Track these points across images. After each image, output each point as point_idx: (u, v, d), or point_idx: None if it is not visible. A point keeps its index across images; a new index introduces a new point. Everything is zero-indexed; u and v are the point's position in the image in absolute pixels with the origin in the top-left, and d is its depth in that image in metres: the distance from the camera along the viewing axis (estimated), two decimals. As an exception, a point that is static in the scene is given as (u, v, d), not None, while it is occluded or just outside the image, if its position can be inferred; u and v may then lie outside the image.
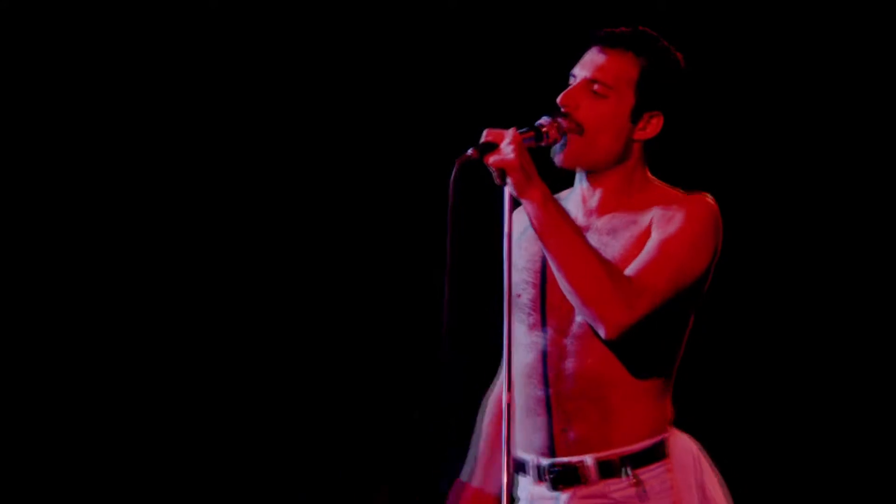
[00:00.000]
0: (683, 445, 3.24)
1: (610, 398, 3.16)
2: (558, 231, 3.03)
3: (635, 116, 3.16)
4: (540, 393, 3.18)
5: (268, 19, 5.38)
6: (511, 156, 3.00)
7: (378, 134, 5.41)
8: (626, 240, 3.16)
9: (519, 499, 3.28)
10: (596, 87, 3.15)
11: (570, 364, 3.16)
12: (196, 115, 5.41)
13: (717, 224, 3.15)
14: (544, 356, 3.17)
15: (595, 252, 3.05)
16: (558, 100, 3.16)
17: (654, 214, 3.15)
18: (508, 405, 3.02)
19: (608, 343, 3.10)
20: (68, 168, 5.37)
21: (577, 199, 3.25)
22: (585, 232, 3.17)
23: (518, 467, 3.26)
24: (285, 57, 5.40)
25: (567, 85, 3.19)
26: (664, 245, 3.10)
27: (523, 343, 3.21)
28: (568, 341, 3.16)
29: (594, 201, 3.22)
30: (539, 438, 3.19)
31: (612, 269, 3.05)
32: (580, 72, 3.18)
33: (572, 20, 5.19)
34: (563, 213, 3.07)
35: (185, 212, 5.43)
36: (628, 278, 3.05)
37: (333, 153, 5.44)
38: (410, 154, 5.35)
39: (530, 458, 3.23)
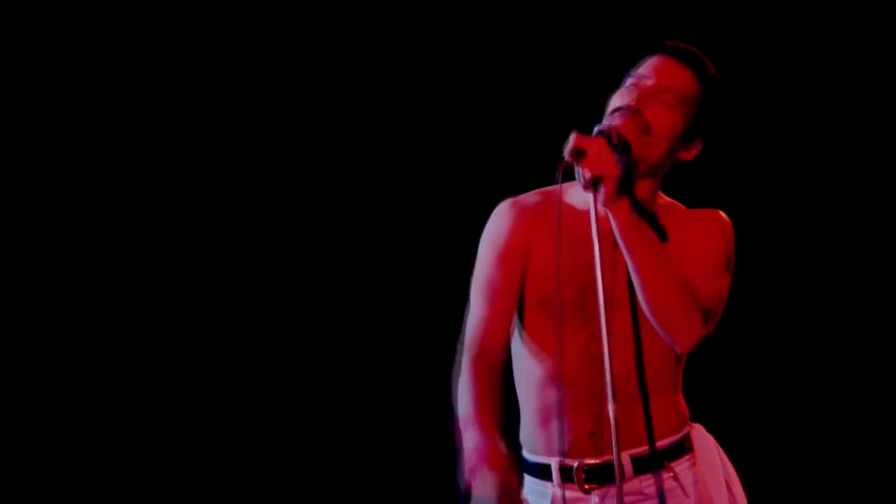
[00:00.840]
0: (705, 438, 3.26)
1: (639, 398, 3.17)
2: (646, 244, 3.05)
3: (689, 136, 3.18)
4: (570, 396, 3.17)
5: (268, 19, 5.37)
6: (610, 166, 3.00)
7: (377, 134, 5.40)
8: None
9: (530, 500, 3.27)
10: (666, 96, 3.15)
11: (599, 367, 3.13)
12: (196, 115, 5.40)
13: (733, 244, 3.24)
14: (575, 361, 3.17)
15: (677, 269, 3.10)
16: (629, 101, 3.14)
17: (683, 237, 3.19)
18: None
19: (637, 345, 3.15)
20: (68, 168, 5.37)
21: (600, 206, 3.23)
22: (602, 236, 3.14)
23: (536, 471, 3.25)
24: (285, 57, 5.39)
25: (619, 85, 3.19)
26: (716, 270, 3.16)
27: (548, 348, 3.20)
28: (597, 345, 3.13)
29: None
30: (565, 441, 3.17)
31: (689, 287, 3.09)
32: (650, 76, 3.18)
33: (572, 20, 5.19)
34: (649, 228, 3.10)
35: (184, 212, 5.42)
36: (699, 300, 3.11)
37: (333, 153, 5.43)
38: (410, 154, 5.35)
39: (551, 460, 3.21)
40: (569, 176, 3.23)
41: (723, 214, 3.23)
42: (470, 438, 3.00)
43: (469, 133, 5.24)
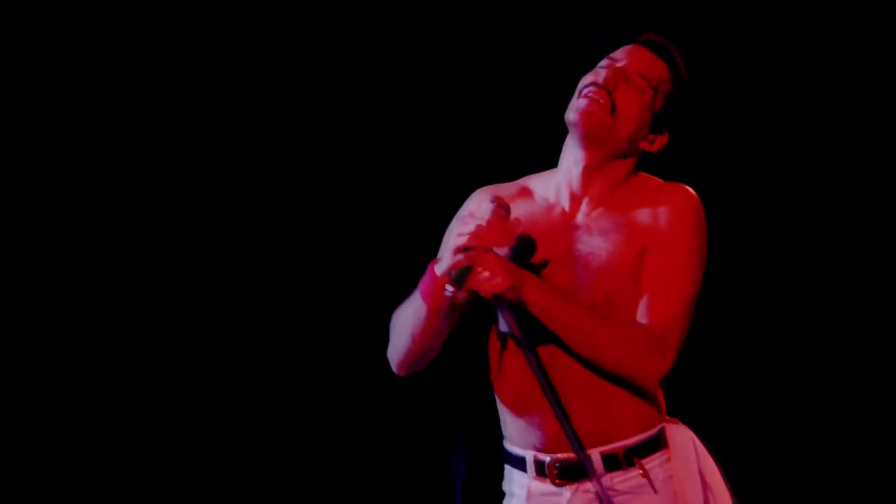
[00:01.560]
0: (680, 434, 3.25)
1: (609, 394, 3.15)
2: (566, 317, 3.03)
3: (654, 126, 3.18)
4: (536, 392, 3.15)
5: (267, 19, 5.37)
6: (498, 282, 2.97)
7: (378, 134, 5.41)
8: (615, 243, 3.15)
9: (513, 494, 3.28)
10: (636, 79, 3.15)
11: (569, 363, 3.14)
12: (196, 116, 5.41)
13: (704, 219, 3.17)
14: (541, 356, 3.15)
15: (608, 321, 3.06)
16: (599, 79, 3.14)
17: (646, 219, 3.15)
18: None
19: None
20: (68, 168, 5.37)
21: (561, 185, 3.22)
22: (573, 229, 3.17)
23: (513, 462, 3.26)
24: (285, 57, 5.40)
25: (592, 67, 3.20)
26: (674, 278, 3.11)
27: (513, 344, 3.20)
28: (563, 343, 3.14)
29: (581, 189, 3.20)
30: (537, 436, 3.19)
31: (631, 330, 3.07)
32: (624, 60, 3.18)
33: (572, 20, 5.19)
34: (562, 296, 3.06)
35: (184, 212, 5.42)
36: (650, 327, 3.07)
37: (334, 154, 5.44)
38: (411, 154, 5.35)
39: (526, 453, 3.23)
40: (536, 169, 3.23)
41: (689, 193, 3.18)
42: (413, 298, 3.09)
43: (469, 133, 5.24)
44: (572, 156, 3.22)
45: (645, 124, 3.17)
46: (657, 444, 3.20)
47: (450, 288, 3.00)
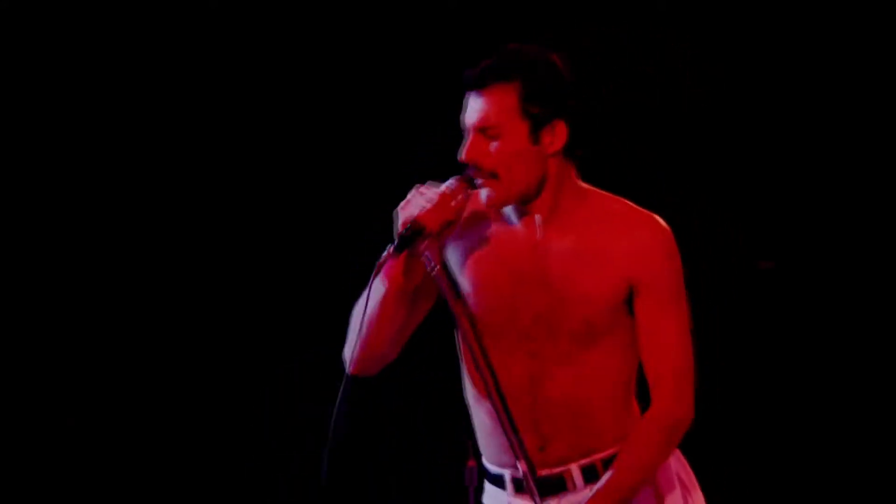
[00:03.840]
0: None
1: (587, 415, 3.15)
2: (629, 492, 3.13)
3: (535, 137, 3.11)
4: (514, 416, 3.13)
5: (267, 19, 5.37)
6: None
7: (378, 135, 5.40)
8: (592, 270, 3.12)
9: None
10: (487, 131, 3.10)
11: (543, 390, 3.14)
12: (195, 115, 5.41)
13: (676, 250, 3.16)
14: (517, 383, 3.14)
15: (637, 449, 3.13)
16: (460, 158, 3.13)
17: (621, 250, 3.11)
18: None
19: (581, 365, 3.13)
20: (68, 168, 5.37)
21: (517, 221, 3.19)
22: (540, 250, 3.14)
23: (492, 479, 3.26)
24: (284, 57, 5.40)
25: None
26: (672, 322, 3.13)
27: (492, 370, 3.18)
28: (539, 367, 3.14)
29: (538, 221, 3.16)
30: (511, 455, 3.13)
31: (653, 430, 3.13)
32: (467, 122, 3.15)
33: (572, 20, 5.18)
34: (613, 490, 3.13)
35: (184, 213, 5.43)
36: (663, 417, 3.12)
37: (335, 154, 5.43)
38: (411, 154, 5.35)
39: (505, 471, 3.22)
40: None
41: (660, 224, 3.15)
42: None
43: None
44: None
45: (527, 151, 3.10)
46: None
47: (390, 249, 3.03)
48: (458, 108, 3.21)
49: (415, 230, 3.04)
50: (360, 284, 5.32)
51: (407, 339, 3.24)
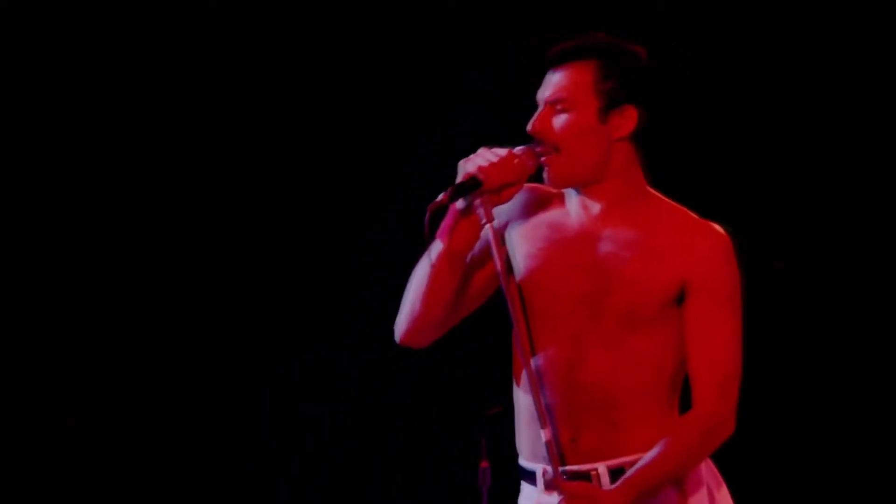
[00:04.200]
0: None
1: (621, 408, 3.12)
2: (656, 482, 3.08)
3: (604, 117, 3.12)
4: (549, 402, 3.12)
5: (267, 19, 5.37)
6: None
7: (378, 135, 5.40)
8: (642, 260, 3.12)
9: None
10: (558, 105, 3.12)
11: (581, 374, 3.11)
12: (195, 115, 5.40)
13: (735, 259, 3.16)
14: (555, 366, 3.12)
15: (675, 443, 3.09)
16: (528, 129, 3.14)
17: (678, 248, 3.11)
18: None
19: (620, 350, 3.10)
20: (68, 168, 5.37)
21: (577, 206, 3.20)
22: (595, 239, 3.14)
23: (524, 475, 3.22)
24: (284, 57, 5.40)
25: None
26: (725, 327, 3.12)
27: (527, 351, 3.16)
28: (579, 352, 3.12)
29: (597, 209, 3.16)
30: (545, 448, 3.12)
31: (695, 427, 3.10)
32: (541, 96, 3.17)
33: (572, 20, 5.19)
34: (639, 479, 3.08)
35: (184, 213, 5.42)
36: (705, 402, 3.10)
37: (336, 154, 5.43)
38: (412, 155, 5.35)
39: (538, 467, 3.18)
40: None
41: (720, 231, 3.16)
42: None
43: (468, 133, 5.24)
44: (571, 191, 3.23)
45: (594, 129, 3.12)
46: None
47: (444, 195, 3.02)
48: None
49: (473, 181, 3.04)
50: (359, 284, 5.36)
51: (459, 318, 3.21)
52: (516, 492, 3.26)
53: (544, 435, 3.03)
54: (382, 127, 5.41)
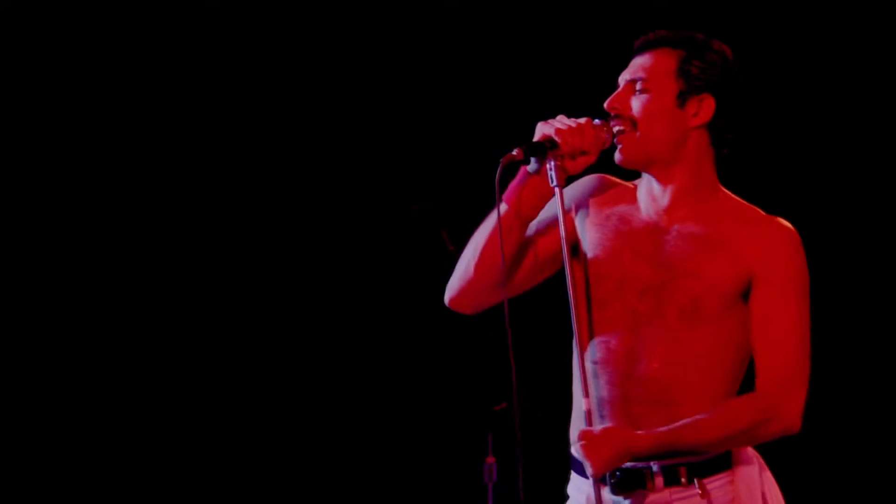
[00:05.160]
0: (746, 456, 3.18)
1: (677, 404, 3.10)
2: (690, 441, 3.05)
3: (682, 102, 3.15)
4: (605, 394, 3.12)
5: (267, 20, 5.37)
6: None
7: (379, 136, 5.41)
8: (706, 253, 3.12)
9: (573, 498, 3.23)
10: (638, 84, 3.15)
11: (639, 367, 3.10)
12: (195, 115, 5.41)
13: (804, 253, 3.16)
14: (613, 357, 3.12)
15: (724, 413, 3.07)
16: (605, 105, 3.16)
17: (740, 243, 3.11)
18: (588, 412, 3.04)
19: (681, 345, 3.10)
20: (68, 168, 5.37)
21: (646, 197, 3.21)
22: (662, 233, 3.15)
23: (576, 467, 3.21)
24: (284, 57, 5.40)
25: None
26: (791, 316, 3.09)
27: (590, 341, 3.17)
28: (639, 343, 3.11)
29: (665, 199, 3.18)
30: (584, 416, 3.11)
31: (749, 407, 3.07)
32: (623, 76, 3.20)
33: (571, 20, 5.19)
34: (670, 433, 3.07)
35: (184, 212, 5.42)
36: (767, 388, 3.07)
37: (337, 154, 5.44)
38: (413, 155, 5.35)
39: None
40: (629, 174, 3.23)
41: (788, 225, 3.16)
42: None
43: (467, 134, 5.24)
44: (643, 176, 3.24)
45: (670, 112, 3.15)
46: (721, 464, 3.13)
47: (518, 150, 3.03)
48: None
49: (550, 142, 3.06)
50: (361, 284, 5.35)
51: (512, 292, 3.19)
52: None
53: (585, 405, 3.02)
54: (382, 128, 5.41)
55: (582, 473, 3.16)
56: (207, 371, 5.43)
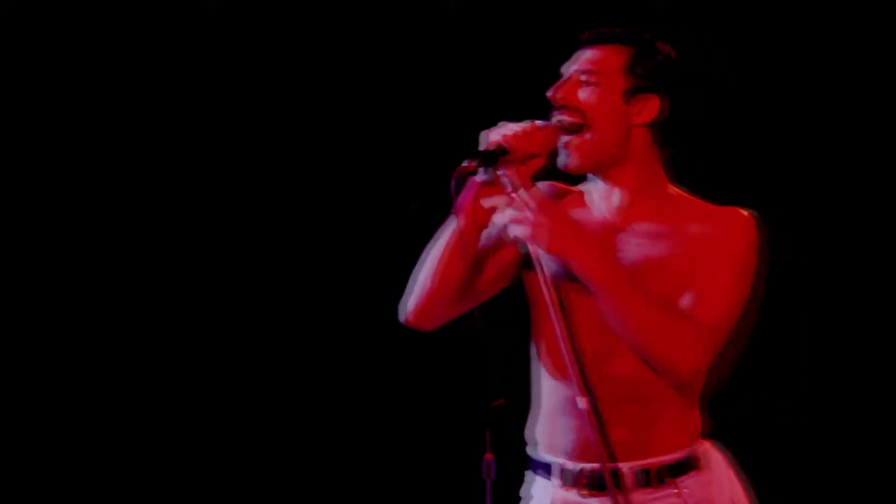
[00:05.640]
0: (717, 457, 3.20)
1: (649, 405, 3.11)
2: (613, 282, 2.99)
3: (628, 99, 3.15)
4: (573, 397, 3.08)
5: (267, 19, 5.38)
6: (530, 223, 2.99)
7: (378, 135, 5.41)
8: (664, 248, 3.12)
9: (534, 500, 3.24)
10: (584, 77, 3.16)
11: (610, 368, 3.11)
12: (195, 115, 5.41)
13: (760, 241, 3.14)
14: (586, 360, 3.10)
15: (653, 299, 3.01)
16: (550, 94, 3.16)
17: (698, 232, 3.11)
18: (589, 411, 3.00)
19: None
20: (68, 168, 5.38)
21: (598, 199, 3.22)
22: (620, 232, 3.16)
23: (540, 468, 3.22)
24: (284, 57, 5.41)
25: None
26: (721, 278, 3.07)
27: (555, 345, 3.13)
28: (610, 344, 3.11)
29: (618, 199, 3.19)
30: (570, 441, 3.14)
31: (674, 317, 3.02)
32: (570, 67, 3.20)
33: (571, 20, 5.19)
34: (612, 260, 3.04)
35: (184, 212, 5.43)
36: (693, 323, 3.02)
37: (337, 153, 5.45)
38: (412, 155, 5.36)
39: (557, 460, 3.18)
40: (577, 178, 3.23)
41: (743, 211, 3.15)
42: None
43: (467, 133, 5.24)
44: (590, 177, 3.24)
45: (617, 108, 3.15)
46: (693, 464, 3.15)
47: (474, 165, 3.00)
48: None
49: (500, 149, 3.04)
50: (360, 284, 5.36)
51: (470, 304, 3.19)
52: (520, 483, 3.25)
53: (582, 403, 2.97)
54: (381, 128, 5.42)
55: (545, 475, 3.17)
56: (207, 371, 5.44)
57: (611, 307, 2.99)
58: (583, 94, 3.14)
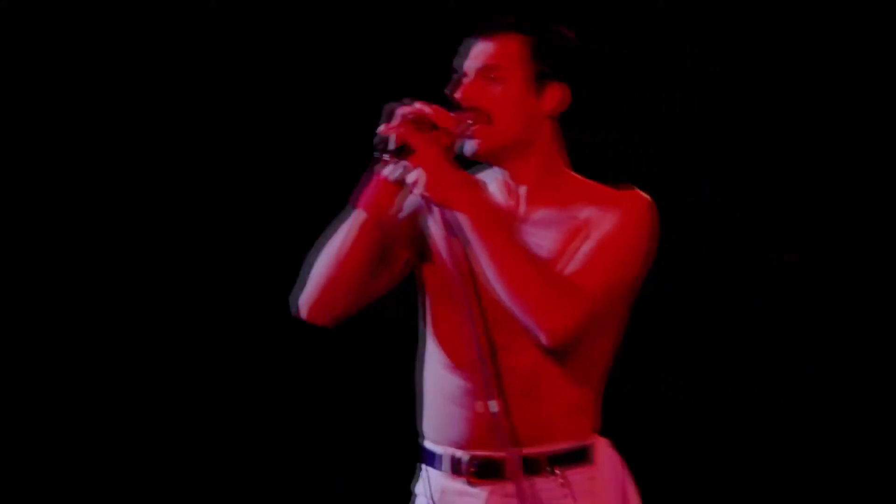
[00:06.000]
0: (607, 452, 3.22)
1: (540, 396, 3.12)
2: (494, 233, 3.01)
3: (532, 89, 3.15)
4: (467, 384, 3.13)
5: (267, 19, 5.38)
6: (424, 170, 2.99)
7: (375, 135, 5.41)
8: (560, 234, 3.12)
9: (417, 494, 3.26)
10: (490, 73, 3.14)
11: (502, 358, 3.12)
12: (194, 115, 5.41)
13: (652, 221, 3.13)
14: (475, 346, 3.11)
15: (533, 257, 3.02)
16: (456, 96, 3.15)
17: (589, 212, 3.12)
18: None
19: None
20: (68, 168, 5.38)
21: (498, 188, 3.22)
22: (521, 221, 3.15)
23: (428, 459, 3.23)
24: (284, 57, 5.41)
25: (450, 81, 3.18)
26: (601, 247, 3.07)
27: (450, 330, 3.17)
28: (502, 334, 3.12)
29: (520, 188, 3.18)
30: (458, 430, 3.15)
31: (550, 276, 3.02)
32: (470, 64, 3.18)
33: (571, 20, 5.18)
34: (497, 215, 3.04)
35: (183, 212, 5.43)
36: (568, 284, 3.02)
37: (337, 153, 5.44)
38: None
39: (442, 449, 3.19)
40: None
41: (639, 193, 3.13)
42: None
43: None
44: (492, 166, 3.22)
45: (522, 100, 3.14)
46: (583, 456, 3.16)
47: (393, 159, 3.02)
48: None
49: (407, 147, 3.06)
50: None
51: (369, 298, 3.19)
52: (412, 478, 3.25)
53: (495, 406, 3.02)
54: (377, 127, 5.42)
55: (435, 466, 3.18)
56: (206, 371, 5.44)
57: (488, 256, 2.99)
58: (486, 92, 3.13)
